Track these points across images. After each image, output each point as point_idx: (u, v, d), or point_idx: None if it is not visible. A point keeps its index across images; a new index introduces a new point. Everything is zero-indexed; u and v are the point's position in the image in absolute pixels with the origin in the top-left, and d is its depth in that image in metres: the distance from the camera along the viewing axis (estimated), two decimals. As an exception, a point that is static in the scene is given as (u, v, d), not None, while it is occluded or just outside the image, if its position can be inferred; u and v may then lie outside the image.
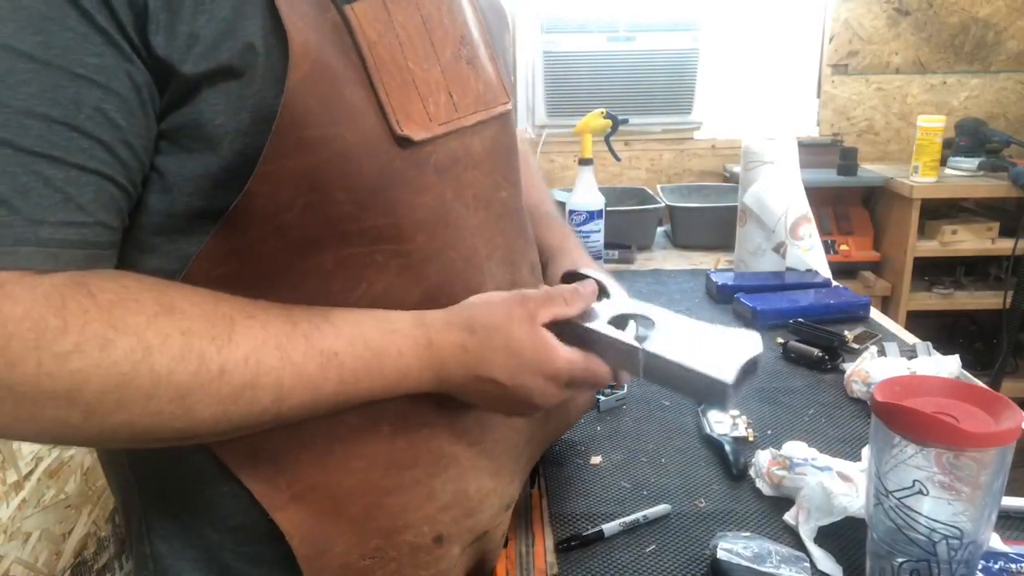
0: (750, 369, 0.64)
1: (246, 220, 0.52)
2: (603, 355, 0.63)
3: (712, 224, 1.89)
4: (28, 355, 0.43)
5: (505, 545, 0.76)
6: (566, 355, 0.60)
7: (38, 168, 0.43)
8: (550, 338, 0.60)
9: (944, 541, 0.58)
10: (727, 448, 0.91)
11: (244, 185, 0.50)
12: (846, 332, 1.23)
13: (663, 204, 1.95)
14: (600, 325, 0.63)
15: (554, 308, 0.61)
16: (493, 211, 0.66)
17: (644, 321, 0.65)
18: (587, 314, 0.64)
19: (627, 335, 0.63)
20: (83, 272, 0.46)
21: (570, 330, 0.63)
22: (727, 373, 0.61)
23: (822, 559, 0.72)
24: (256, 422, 0.52)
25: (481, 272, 0.64)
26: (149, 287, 0.49)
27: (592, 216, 1.62)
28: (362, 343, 0.55)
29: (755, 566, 0.67)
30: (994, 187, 2.48)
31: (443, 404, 0.63)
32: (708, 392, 0.62)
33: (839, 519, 0.75)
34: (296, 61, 0.48)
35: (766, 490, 0.84)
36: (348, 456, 0.60)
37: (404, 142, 0.55)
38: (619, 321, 0.64)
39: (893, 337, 1.26)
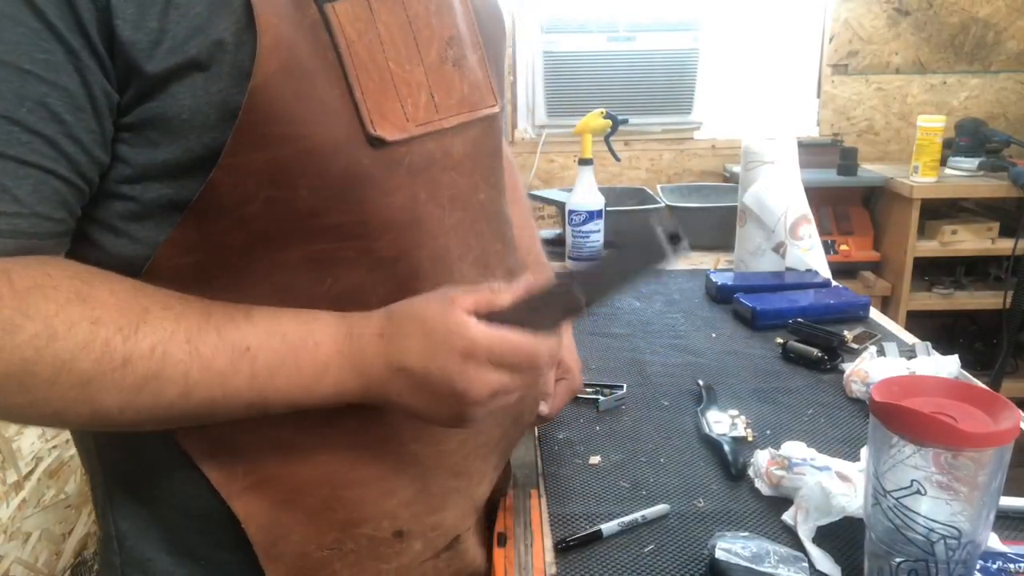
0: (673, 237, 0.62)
1: (210, 211, 0.52)
2: (543, 320, 0.58)
3: (712, 224, 1.89)
4: None
5: (503, 545, 0.76)
6: (483, 328, 0.54)
7: None
8: (464, 316, 0.54)
9: (942, 541, 0.58)
10: (726, 448, 0.91)
11: (208, 176, 0.50)
12: (845, 332, 1.23)
13: (663, 204, 1.95)
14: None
15: (477, 296, 0.56)
16: (470, 213, 0.65)
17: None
18: None
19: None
20: (9, 259, 0.47)
21: (507, 318, 0.57)
22: (649, 226, 0.60)
23: (820, 559, 0.72)
24: (166, 415, 0.52)
25: (451, 272, 0.63)
26: (71, 276, 0.49)
27: (592, 216, 1.62)
28: (279, 336, 0.54)
29: (753, 566, 0.67)
30: (994, 187, 2.48)
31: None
32: (646, 253, 0.60)
33: (837, 519, 0.75)
34: (264, 57, 0.49)
35: (765, 490, 0.84)
36: (311, 449, 0.60)
37: (376, 142, 0.55)
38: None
39: (893, 337, 1.27)
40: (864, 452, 0.80)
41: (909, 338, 1.27)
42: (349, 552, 0.64)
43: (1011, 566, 0.68)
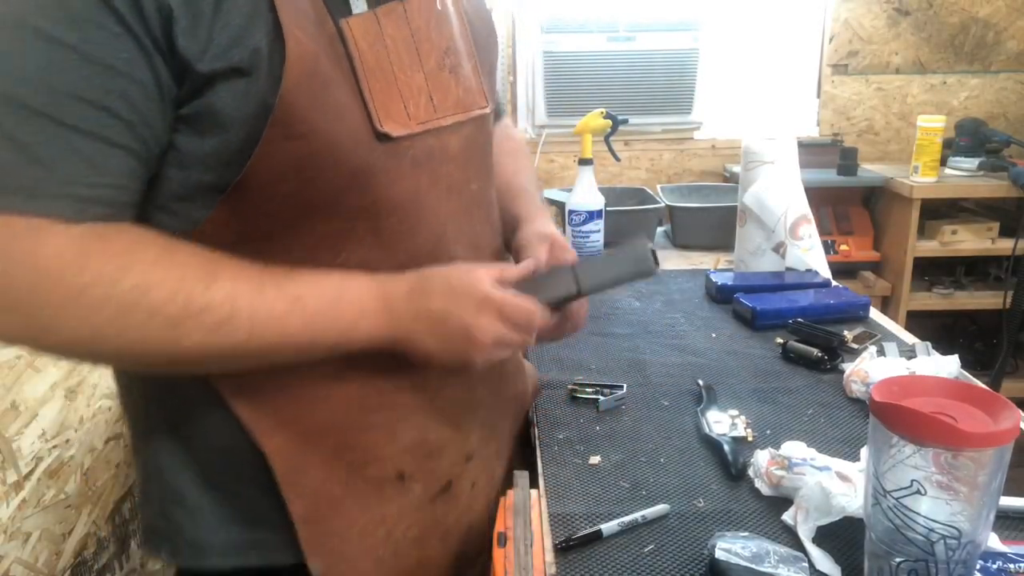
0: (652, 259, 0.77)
1: (246, 193, 0.61)
2: (544, 290, 0.74)
3: (712, 224, 1.89)
4: (53, 285, 0.54)
5: (503, 545, 0.76)
6: (497, 289, 0.69)
7: (73, 140, 0.54)
8: (483, 276, 0.68)
9: (942, 541, 0.58)
10: (726, 448, 0.91)
11: (246, 164, 0.59)
12: (845, 332, 1.23)
13: (663, 204, 1.95)
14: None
15: (493, 270, 0.70)
16: (464, 201, 0.76)
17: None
18: None
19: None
20: (103, 224, 0.56)
21: (516, 287, 0.73)
22: (643, 242, 0.77)
23: (820, 559, 0.72)
24: (233, 355, 0.62)
25: (448, 253, 0.73)
26: (156, 240, 0.60)
27: (592, 216, 1.62)
28: (323, 288, 0.65)
29: (753, 566, 0.67)
30: (994, 187, 2.48)
31: (404, 365, 0.71)
32: (636, 265, 0.77)
33: (837, 519, 0.75)
34: (291, 66, 0.58)
35: (765, 490, 0.84)
36: (325, 397, 0.71)
37: (383, 137, 0.65)
38: None
39: (893, 337, 1.26)
40: (864, 452, 0.80)
41: (909, 338, 1.27)
42: (359, 491, 0.73)
43: (1011, 566, 0.68)
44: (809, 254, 1.49)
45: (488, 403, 0.86)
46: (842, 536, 0.75)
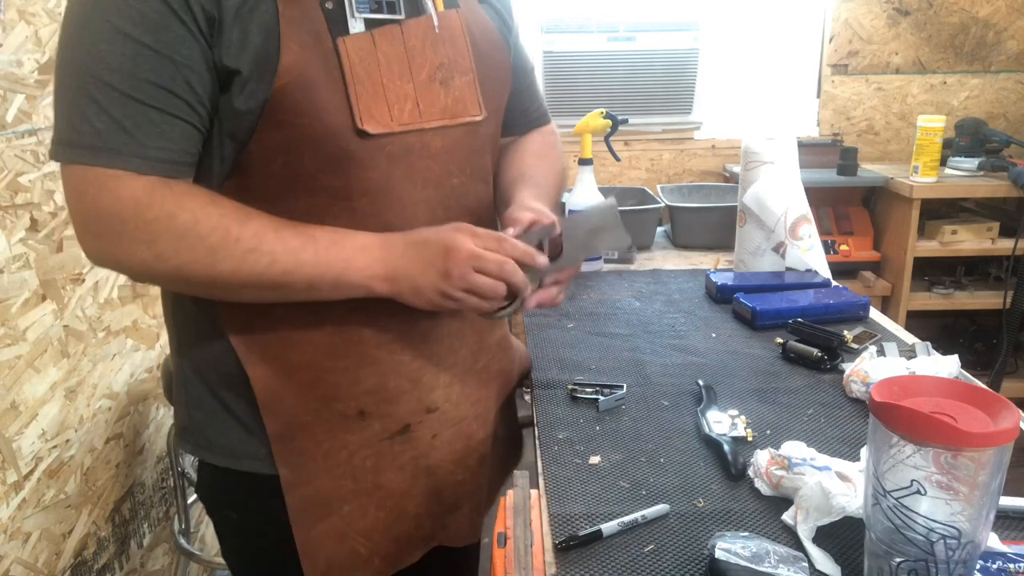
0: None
1: (249, 167, 0.79)
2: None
3: (712, 224, 1.89)
4: (128, 218, 0.73)
5: (503, 545, 0.76)
6: (480, 231, 0.82)
7: (148, 114, 0.72)
8: (470, 230, 0.82)
9: (942, 541, 0.59)
10: (726, 448, 0.91)
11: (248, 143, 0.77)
12: (845, 332, 1.23)
13: (663, 204, 1.95)
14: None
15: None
16: (441, 192, 0.89)
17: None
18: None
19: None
20: (167, 179, 0.75)
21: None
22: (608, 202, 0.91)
23: (820, 559, 0.73)
24: (258, 281, 0.78)
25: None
26: (204, 190, 0.78)
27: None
28: (330, 230, 0.80)
29: (753, 566, 0.67)
30: (994, 187, 2.48)
31: (372, 321, 0.87)
32: (602, 223, 0.90)
33: (837, 519, 0.75)
34: (283, 71, 0.75)
35: (765, 490, 0.84)
36: (304, 340, 0.86)
37: (362, 133, 0.80)
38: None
39: (892, 337, 1.26)
40: (864, 452, 0.80)
41: (909, 338, 1.27)
42: (325, 421, 0.89)
43: (1011, 566, 0.68)
44: (809, 254, 1.49)
45: (460, 369, 0.97)
46: (842, 536, 0.75)
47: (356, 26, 0.79)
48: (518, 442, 1.19)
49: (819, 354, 1.16)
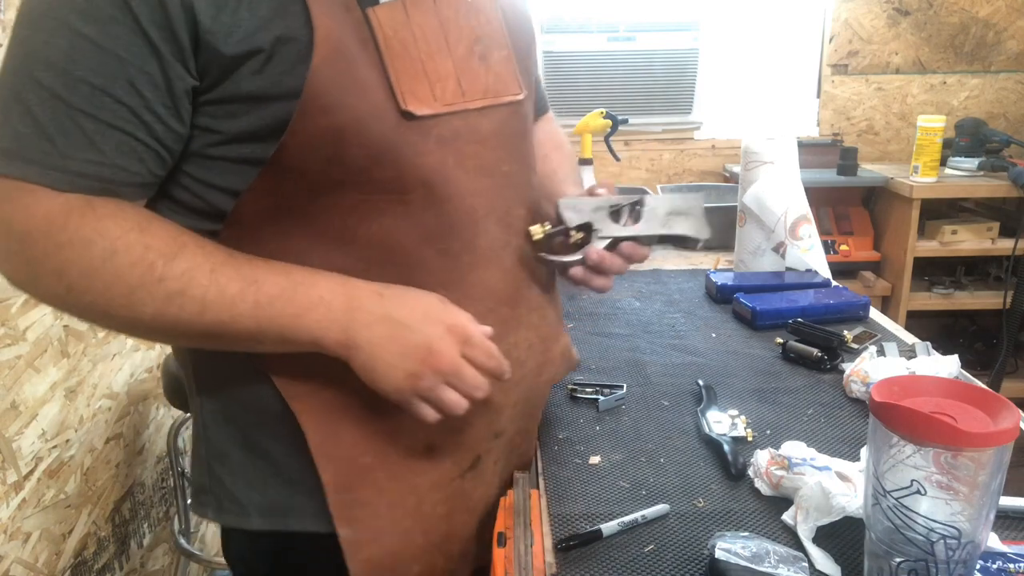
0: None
1: (281, 166, 0.66)
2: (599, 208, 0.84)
3: (712, 224, 1.88)
4: (38, 239, 0.62)
5: (503, 545, 0.76)
6: (474, 323, 0.71)
7: (77, 119, 0.60)
8: (463, 314, 0.71)
9: (942, 541, 0.58)
10: (726, 448, 0.91)
11: (279, 140, 0.65)
12: (845, 332, 1.23)
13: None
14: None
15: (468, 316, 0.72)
16: (495, 180, 0.77)
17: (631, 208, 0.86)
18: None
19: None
20: (96, 197, 0.63)
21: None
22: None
23: (820, 559, 0.72)
24: (186, 330, 0.66)
25: (476, 225, 0.76)
26: (137, 214, 0.65)
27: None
28: (285, 275, 0.68)
29: (753, 566, 0.67)
30: (994, 187, 2.48)
31: None
32: (686, 209, 0.90)
33: (837, 519, 0.75)
34: (319, 45, 0.63)
35: (765, 490, 0.84)
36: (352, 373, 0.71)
37: (407, 115, 0.68)
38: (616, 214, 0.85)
39: (892, 337, 1.26)
40: (864, 452, 0.80)
41: (909, 338, 1.27)
42: (390, 461, 0.76)
43: (1011, 566, 0.68)
44: (809, 254, 1.49)
45: (527, 384, 0.86)
46: (842, 536, 0.75)
47: None
48: None
49: (819, 354, 1.16)
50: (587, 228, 0.83)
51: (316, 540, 0.75)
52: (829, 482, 0.76)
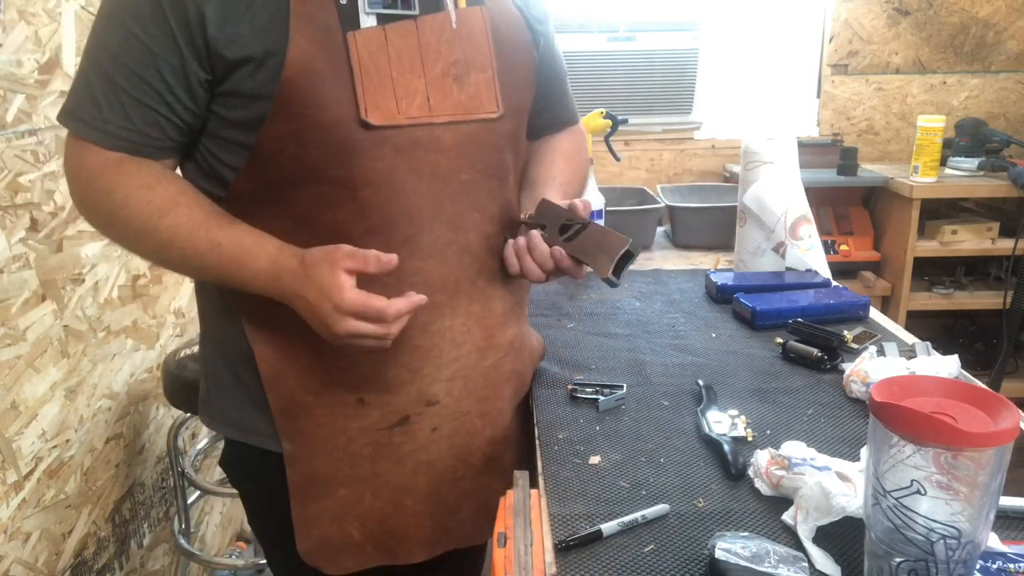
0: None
1: (260, 156, 0.83)
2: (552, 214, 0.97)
3: (712, 224, 1.89)
4: (84, 184, 0.85)
5: (503, 545, 0.76)
6: (351, 292, 0.80)
7: (119, 95, 0.80)
8: (343, 279, 0.80)
9: (942, 541, 0.58)
10: (726, 448, 0.91)
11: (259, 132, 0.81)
12: (845, 332, 1.23)
13: (663, 204, 1.95)
14: None
15: (354, 262, 0.80)
16: (449, 186, 0.90)
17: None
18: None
19: None
20: (128, 156, 0.83)
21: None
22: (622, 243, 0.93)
23: (820, 559, 0.72)
24: (179, 266, 0.87)
25: (420, 225, 0.89)
26: (150, 173, 0.84)
27: (592, 216, 1.62)
28: (238, 245, 0.84)
29: (753, 566, 0.67)
30: (994, 187, 2.48)
31: None
32: (607, 247, 0.93)
33: (837, 519, 0.75)
34: (290, 63, 0.79)
35: (765, 490, 0.84)
36: (303, 322, 0.85)
37: (366, 125, 0.82)
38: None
39: (892, 337, 1.26)
40: (864, 452, 0.80)
41: (909, 338, 1.27)
42: (326, 404, 0.93)
43: (1011, 566, 0.68)
44: (809, 254, 1.49)
45: (465, 364, 0.97)
46: (842, 536, 0.75)
47: (368, 21, 0.83)
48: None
49: (819, 354, 1.16)
50: (542, 227, 0.96)
51: (272, 456, 0.94)
52: (829, 482, 0.76)
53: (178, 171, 0.91)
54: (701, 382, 1.09)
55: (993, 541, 0.71)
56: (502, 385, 1.03)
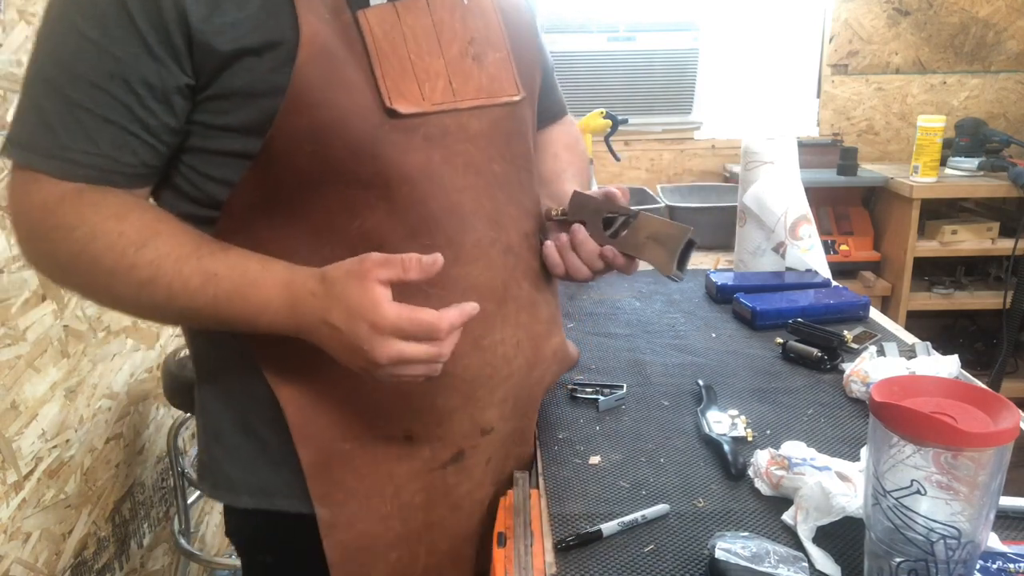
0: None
1: (269, 161, 0.69)
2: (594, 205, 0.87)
3: (712, 224, 1.89)
4: (35, 224, 0.68)
5: (503, 545, 0.76)
6: (391, 307, 0.65)
7: (77, 113, 0.65)
8: (378, 293, 0.65)
9: (942, 541, 0.58)
10: (726, 448, 0.91)
11: (266, 134, 0.68)
12: (845, 332, 1.23)
13: (663, 204, 1.95)
14: None
15: (390, 271, 0.66)
16: (484, 179, 0.79)
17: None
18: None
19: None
20: (89, 186, 0.68)
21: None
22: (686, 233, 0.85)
23: (820, 559, 0.72)
24: (160, 312, 0.72)
25: (463, 223, 0.77)
26: (120, 202, 0.69)
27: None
28: (241, 271, 0.69)
29: (753, 566, 0.67)
30: (994, 187, 2.48)
31: None
32: (665, 237, 0.84)
33: (837, 519, 0.75)
34: (304, 45, 0.66)
35: (765, 490, 0.84)
36: (332, 359, 0.70)
37: (392, 113, 0.70)
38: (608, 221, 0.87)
39: (893, 337, 1.26)
40: (864, 452, 0.80)
41: (909, 338, 1.27)
42: (368, 448, 0.78)
43: (1011, 566, 0.68)
44: (809, 254, 1.49)
45: (516, 381, 0.85)
46: (842, 536, 0.75)
47: None
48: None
49: (819, 354, 1.16)
50: (582, 223, 0.87)
51: (301, 520, 0.78)
52: (829, 482, 0.76)
53: (151, 201, 0.76)
54: (701, 382, 1.09)
55: (993, 541, 0.71)
56: (539, 400, 0.93)
